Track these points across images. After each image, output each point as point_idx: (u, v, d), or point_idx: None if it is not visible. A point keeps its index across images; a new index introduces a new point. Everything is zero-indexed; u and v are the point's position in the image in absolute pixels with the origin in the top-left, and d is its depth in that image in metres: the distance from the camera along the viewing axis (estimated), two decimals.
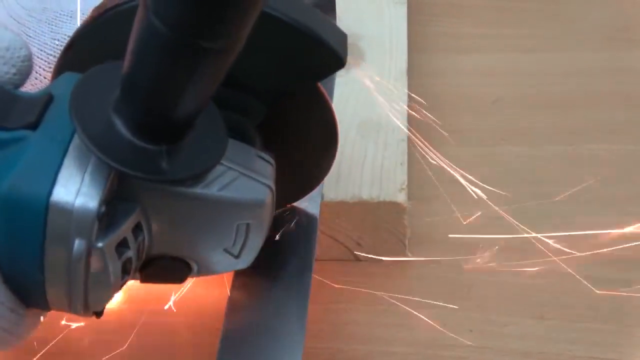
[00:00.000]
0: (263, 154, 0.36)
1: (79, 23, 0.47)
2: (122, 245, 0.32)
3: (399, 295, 0.45)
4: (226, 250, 0.36)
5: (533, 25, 0.61)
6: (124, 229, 0.32)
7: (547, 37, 0.60)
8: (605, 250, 0.46)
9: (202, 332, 0.44)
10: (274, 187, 0.36)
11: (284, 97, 0.37)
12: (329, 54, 0.35)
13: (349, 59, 0.52)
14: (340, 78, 0.51)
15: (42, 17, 0.48)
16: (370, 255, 0.47)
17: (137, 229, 0.33)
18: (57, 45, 0.46)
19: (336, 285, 0.45)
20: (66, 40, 0.46)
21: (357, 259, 0.47)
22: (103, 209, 0.31)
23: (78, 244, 0.31)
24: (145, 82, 0.30)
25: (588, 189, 0.49)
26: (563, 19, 0.62)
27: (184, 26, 0.27)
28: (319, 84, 0.37)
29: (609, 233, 0.47)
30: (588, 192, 0.49)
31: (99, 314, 0.35)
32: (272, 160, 0.36)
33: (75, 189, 0.31)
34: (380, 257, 0.47)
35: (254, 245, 0.36)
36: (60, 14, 0.47)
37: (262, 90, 0.37)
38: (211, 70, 0.29)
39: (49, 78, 0.47)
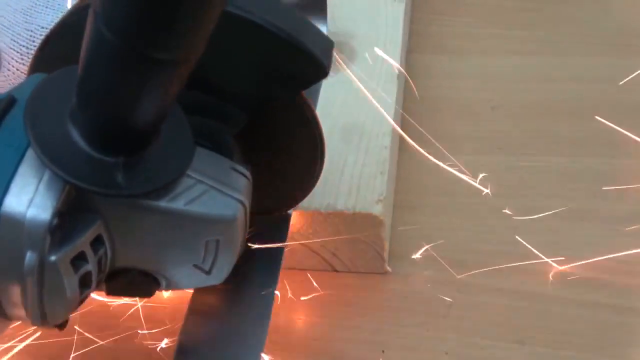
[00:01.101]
0: (238, 166, 0.34)
1: (53, 13, 0.45)
2: (80, 258, 0.31)
3: (372, 312, 0.43)
4: (196, 266, 0.34)
5: (538, 28, 0.58)
6: (81, 243, 0.31)
7: (552, 40, 0.57)
8: (597, 273, 0.43)
9: None
10: (247, 202, 0.34)
11: (265, 106, 0.35)
12: (313, 63, 0.33)
13: (339, 58, 0.50)
14: (328, 78, 0.49)
15: (17, 6, 0.46)
16: (347, 268, 0.45)
17: (97, 241, 0.32)
18: (30, 36, 0.45)
19: (302, 298, 0.43)
20: (40, 31, 0.45)
21: (335, 270, 0.45)
22: (56, 221, 0.30)
23: (29, 257, 0.30)
24: (97, 91, 0.29)
25: (584, 204, 0.47)
26: (569, 22, 0.58)
27: (132, 35, 0.26)
28: (303, 93, 0.36)
29: (601, 254, 0.44)
30: (584, 208, 0.47)
31: (61, 325, 0.33)
32: (247, 173, 0.34)
33: (27, 199, 0.29)
34: (358, 270, 0.45)
35: (225, 261, 0.34)
36: (35, 3, 0.46)
37: (242, 98, 0.35)
38: (164, 81, 0.28)
39: (22, 70, 0.46)
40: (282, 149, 0.38)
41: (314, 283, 0.44)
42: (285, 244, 0.40)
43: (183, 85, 0.29)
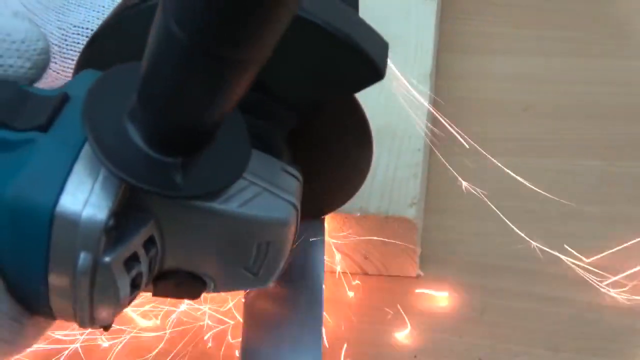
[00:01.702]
0: (289, 168, 0.34)
1: (85, 12, 0.45)
2: (132, 259, 0.30)
3: (405, 316, 0.43)
4: (245, 269, 0.34)
5: (573, 28, 0.57)
6: (135, 243, 0.30)
7: (587, 41, 0.56)
8: (631, 279, 0.43)
9: None
10: (298, 205, 0.33)
11: (316, 107, 0.35)
12: (368, 65, 0.33)
13: None
14: None
15: (49, 4, 0.46)
16: (378, 271, 0.44)
17: (149, 242, 0.31)
18: (63, 35, 0.45)
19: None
20: (72, 30, 0.45)
21: (365, 273, 0.45)
22: (112, 221, 0.29)
23: (83, 257, 0.29)
24: (161, 89, 0.28)
25: (618, 208, 0.46)
26: (606, 23, 0.57)
27: (203, 33, 0.25)
28: (355, 96, 0.35)
29: (638, 260, 0.44)
30: (619, 214, 0.46)
31: (107, 327, 0.33)
32: (299, 175, 0.34)
33: (83, 199, 0.29)
34: (390, 274, 0.44)
35: (275, 264, 0.34)
36: (67, 2, 0.46)
37: (294, 98, 0.34)
38: (233, 80, 0.27)
39: (54, 69, 0.46)
40: (332, 151, 0.37)
41: (346, 286, 0.44)
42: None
43: (250, 87, 0.28)
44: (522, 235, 0.45)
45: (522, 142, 0.51)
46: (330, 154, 0.37)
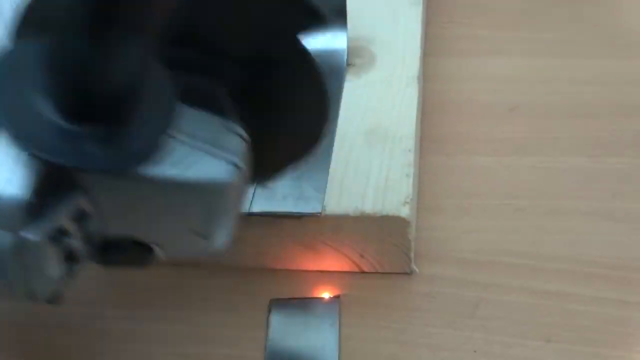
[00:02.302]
0: (233, 126, 0.32)
1: None
2: (61, 234, 0.30)
3: (400, 313, 0.44)
4: (194, 232, 0.32)
5: (556, 30, 0.59)
6: (59, 218, 0.30)
7: (571, 42, 0.58)
8: (622, 271, 0.44)
9: None
10: (242, 163, 0.32)
11: (265, 62, 0.34)
12: (307, 9, 0.33)
13: (360, 62, 0.51)
14: (350, 83, 0.49)
15: None
16: (374, 269, 0.45)
17: (80, 214, 0.30)
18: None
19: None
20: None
21: (362, 271, 0.46)
22: (33, 198, 0.29)
23: (6, 236, 0.29)
24: (67, 59, 0.28)
25: (606, 204, 0.47)
26: (588, 24, 0.59)
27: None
28: (304, 46, 0.34)
29: (626, 253, 0.45)
30: (606, 208, 0.47)
31: (54, 300, 0.32)
32: (244, 133, 0.32)
33: (4, 178, 0.29)
34: (385, 271, 0.45)
35: (223, 226, 0.33)
36: None
37: (235, 51, 0.33)
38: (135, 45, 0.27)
39: None
40: (286, 109, 0.36)
41: (342, 284, 0.45)
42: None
43: (158, 41, 0.28)
44: (513, 231, 0.47)
45: (509, 142, 0.52)
46: (284, 112, 0.36)
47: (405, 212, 0.42)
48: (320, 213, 0.43)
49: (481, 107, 0.54)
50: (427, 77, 0.54)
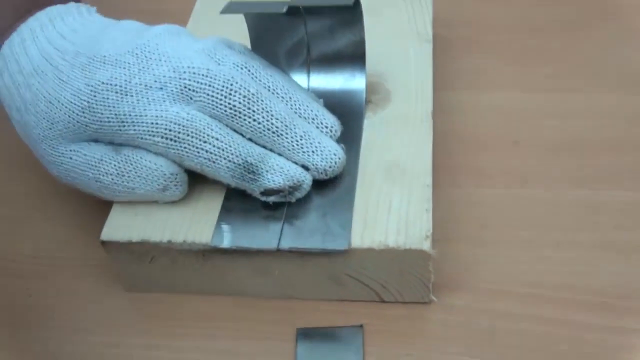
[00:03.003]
0: None
1: (111, 69, 0.47)
2: None
3: (420, 340, 0.46)
4: None
5: (556, 64, 0.62)
6: None
7: (569, 76, 0.61)
8: (626, 301, 0.47)
9: None
10: None
11: None
12: None
13: (376, 99, 0.53)
14: (367, 120, 0.52)
15: (75, 62, 0.48)
16: (395, 299, 0.48)
17: None
18: (92, 91, 0.47)
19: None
20: (100, 87, 0.47)
21: (382, 300, 0.48)
22: None
23: None
24: None
25: (610, 236, 0.50)
26: (587, 59, 0.62)
27: None
28: None
29: (630, 283, 0.48)
30: (609, 240, 0.50)
31: None
32: None
33: None
34: (404, 301, 0.48)
35: None
36: (92, 60, 0.48)
37: None
38: None
39: (82, 123, 0.48)
40: None
41: (364, 313, 0.48)
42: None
43: None
44: (522, 261, 0.49)
45: (515, 174, 0.54)
46: None
47: (427, 245, 0.45)
48: (346, 249, 0.45)
49: (487, 140, 0.57)
50: (434, 109, 0.56)
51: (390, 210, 0.47)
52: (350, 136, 0.50)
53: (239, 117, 0.46)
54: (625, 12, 0.66)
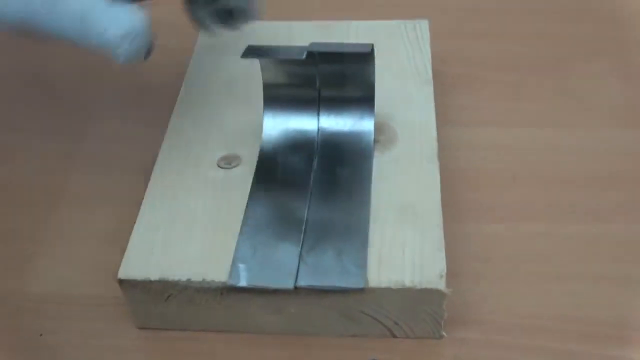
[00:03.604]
0: None
1: None
2: None
3: None
4: None
5: (551, 100, 0.64)
6: None
7: (565, 112, 0.63)
8: (627, 330, 0.49)
9: None
10: None
11: None
12: None
13: (384, 139, 0.55)
14: (376, 159, 0.54)
15: None
16: (406, 335, 0.49)
17: None
18: None
19: None
20: None
21: (394, 336, 0.50)
22: None
23: None
24: None
25: (609, 268, 0.53)
26: (579, 95, 0.65)
27: None
28: None
29: (631, 313, 0.50)
30: (608, 272, 0.53)
31: None
32: None
33: None
34: (415, 336, 0.49)
35: None
36: None
37: None
38: None
39: None
40: None
41: (375, 348, 0.49)
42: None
43: None
44: (525, 294, 0.52)
45: (515, 209, 0.57)
46: None
47: (441, 285, 0.47)
48: (363, 287, 0.46)
49: (486, 175, 0.59)
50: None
51: (404, 249, 0.48)
52: (360, 176, 0.52)
53: None
54: (618, 47, 0.69)
